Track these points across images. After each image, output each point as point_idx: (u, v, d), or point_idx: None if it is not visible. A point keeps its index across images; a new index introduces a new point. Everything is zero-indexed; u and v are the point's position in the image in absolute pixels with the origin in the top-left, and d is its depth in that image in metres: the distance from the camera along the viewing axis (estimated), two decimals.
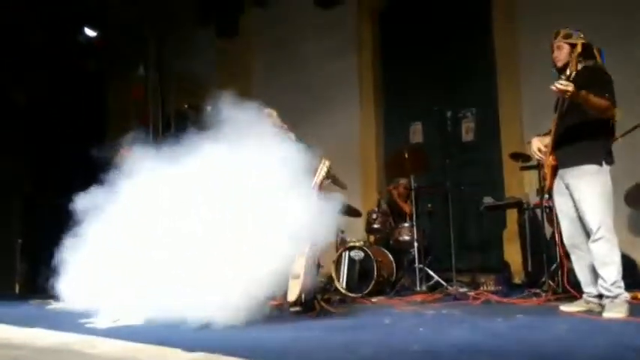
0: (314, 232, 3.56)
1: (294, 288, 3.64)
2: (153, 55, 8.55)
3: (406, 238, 5.57)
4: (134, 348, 2.75)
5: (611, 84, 3.47)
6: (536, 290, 4.55)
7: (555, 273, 4.62)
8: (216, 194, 3.54)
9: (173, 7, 8.36)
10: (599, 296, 3.52)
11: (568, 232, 3.66)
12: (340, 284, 5.18)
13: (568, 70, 3.49)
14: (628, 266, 3.97)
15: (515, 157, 5.39)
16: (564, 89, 3.25)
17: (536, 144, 3.73)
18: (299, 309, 3.70)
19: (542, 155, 3.69)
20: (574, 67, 3.47)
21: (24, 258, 7.28)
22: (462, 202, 6.09)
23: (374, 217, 5.85)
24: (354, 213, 5.97)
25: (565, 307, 3.69)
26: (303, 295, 3.64)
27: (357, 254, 5.27)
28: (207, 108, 4.04)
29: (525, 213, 5.55)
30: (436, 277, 5.34)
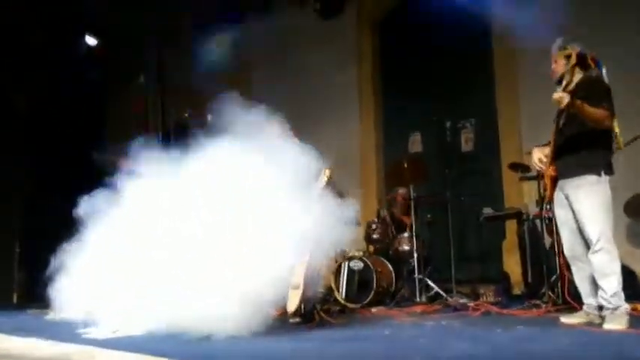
0: (316, 241, 3.55)
1: (293, 298, 3.63)
2: (152, 65, 8.59)
3: (406, 248, 5.56)
4: (133, 358, 2.74)
5: (609, 93, 3.48)
6: (536, 301, 4.52)
7: (555, 284, 4.61)
8: (218, 202, 3.53)
9: (174, 17, 8.41)
10: (599, 308, 3.51)
11: (568, 244, 3.66)
12: (339, 295, 5.17)
13: (564, 81, 3.52)
14: (628, 277, 3.96)
15: (515, 167, 5.40)
16: (559, 99, 3.30)
17: (537, 154, 3.75)
18: (298, 320, 3.69)
19: (543, 165, 3.70)
20: (570, 77, 3.49)
21: (22, 267, 7.26)
22: (462, 212, 6.10)
23: (373, 227, 5.84)
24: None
25: (565, 319, 3.68)
26: (302, 306, 3.63)
27: (357, 264, 5.26)
28: (209, 117, 4.05)
29: (525, 224, 5.55)
30: (436, 288, 5.32)
